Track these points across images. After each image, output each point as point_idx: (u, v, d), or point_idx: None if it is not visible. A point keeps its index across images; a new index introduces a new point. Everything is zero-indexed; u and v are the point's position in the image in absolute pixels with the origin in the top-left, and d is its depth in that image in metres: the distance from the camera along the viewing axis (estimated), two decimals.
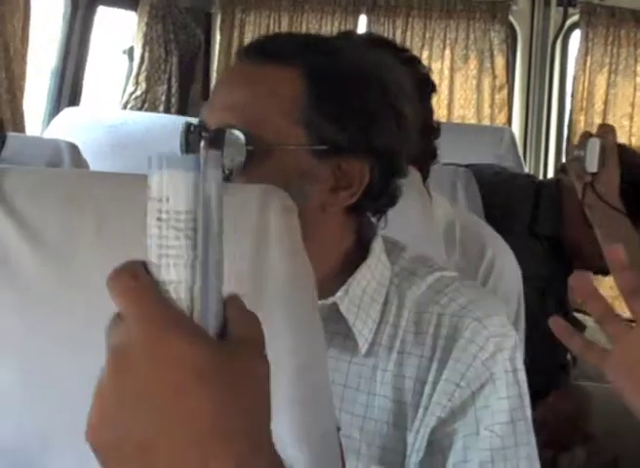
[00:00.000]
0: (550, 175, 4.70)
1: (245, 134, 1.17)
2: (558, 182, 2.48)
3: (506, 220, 2.34)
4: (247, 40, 4.59)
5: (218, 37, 4.58)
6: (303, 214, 0.92)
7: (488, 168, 2.61)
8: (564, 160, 3.73)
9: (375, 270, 1.24)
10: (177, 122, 3.11)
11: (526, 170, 4.07)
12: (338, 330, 1.21)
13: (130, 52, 4.01)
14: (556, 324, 1.16)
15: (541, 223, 2.44)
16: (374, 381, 1.22)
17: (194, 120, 2.12)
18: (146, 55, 3.85)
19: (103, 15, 3.67)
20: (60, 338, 0.92)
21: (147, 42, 3.86)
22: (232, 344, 0.58)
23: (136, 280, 0.58)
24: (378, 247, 1.26)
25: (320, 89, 1.17)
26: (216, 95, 1.24)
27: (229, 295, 0.60)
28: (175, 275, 0.59)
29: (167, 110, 3.81)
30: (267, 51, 1.20)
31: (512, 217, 2.42)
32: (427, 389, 1.19)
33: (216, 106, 1.21)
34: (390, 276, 1.25)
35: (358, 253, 1.25)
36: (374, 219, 1.29)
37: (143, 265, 0.60)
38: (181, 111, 3.88)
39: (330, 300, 1.20)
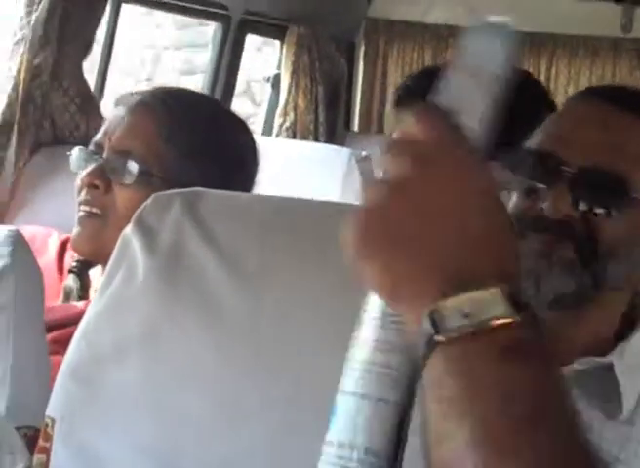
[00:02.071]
0: None
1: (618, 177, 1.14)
2: None
3: None
4: (390, 71, 4.60)
5: (361, 67, 4.59)
6: None
7: None
8: None
9: None
10: (326, 150, 3.15)
11: None
12: (598, 390, 1.16)
13: (275, 80, 4.04)
14: None
15: None
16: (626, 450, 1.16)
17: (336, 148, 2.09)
18: (293, 83, 3.88)
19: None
20: (251, 368, 0.91)
21: (294, 71, 3.89)
22: None
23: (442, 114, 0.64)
24: None
25: None
26: (573, 131, 1.21)
27: None
28: None
29: (316, 139, 3.83)
30: (624, 98, 1.19)
31: None
32: None
33: (577, 143, 1.18)
34: None
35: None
36: None
37: None
38: (330, 140, 3.90)
39: (606, 359, 1.16)
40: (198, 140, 1.56)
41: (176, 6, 3.09)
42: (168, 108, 1.55)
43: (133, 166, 1.52)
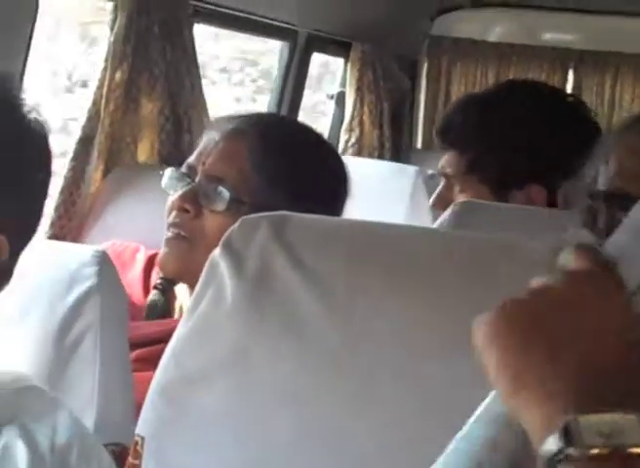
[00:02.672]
0: None
1: None
2: None
3: None
4: (453, 89, 4.59)
5: (423, 84, 4.59)
6: None
7: None
8: None
9: None
10: (393, 168, 3.16)
11: None
12: None
13: (339, 97, 4.06)
14: None
15: None
16: None
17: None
18: (358, 100, 3.90)
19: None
20: (340, 392, 0.91)
21: (359, 88, 3.90)
22: None
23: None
24: None
25: None
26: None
27: None
28: None
29: (380, 156, 3.84)
30: None
31: None
32: None
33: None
34: None
35: None
36: None
37: None
38: (395, 157, 3.90)
39: None
40: (289, 169, 1.57)
41: (245, 24, 3.13)
42: (262, 136, 1.56)
43: (225, 193, 1.53)
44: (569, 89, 4.54)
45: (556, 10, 4.48)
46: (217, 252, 0.98)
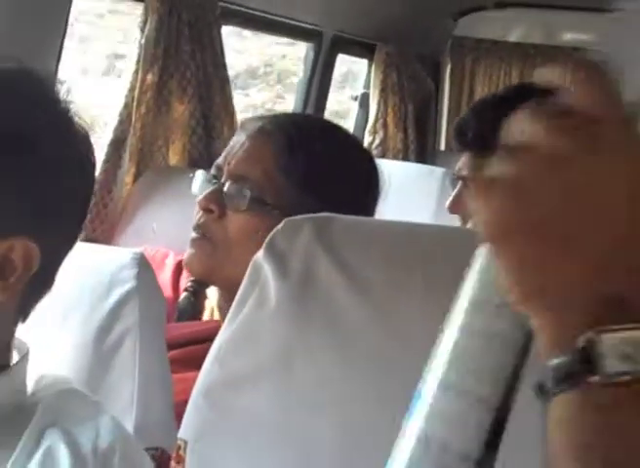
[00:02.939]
0: None
1: None
2: None
3: None
4: (477, 90, 4.58)
5: (447, 86, 4.59)
6: None
7: None
8: None
9: None
10: (420, 170, 3.15)
11: None
12: None
13: (362, 98, 4.06)
14: None
15: None
16: None
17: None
18: (382, 102, 3.89)
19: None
20: (383, 394, 0.91)
21: (383, 89, 3.90)
22: None
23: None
24: None
25: None
26: None
27: None
28: None
29: (405, 158, 3.83)
30: None
31: None
32: None
33: None
34: None
35: None
36: None
37: None
38: (419, 159, 3.90)
39: None
40: (315, 170, 1.56)
41: (271, 26, 3.13)
42: (288, 136, 1.55)
43: (247, 192, 1.53)
44: None
45: (579, 10, 4.46)
46: (260, 254, 0.98)
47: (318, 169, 1.55)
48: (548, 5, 4.49)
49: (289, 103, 3.89)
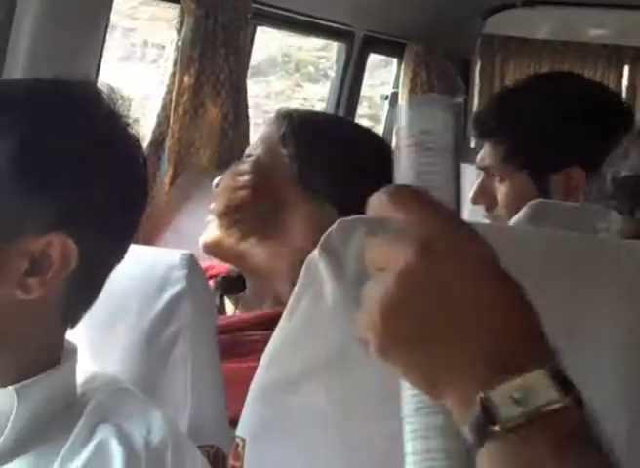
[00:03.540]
0: None
1: None
2: None
3: None
4: None
5: (477, 84, 4.58)
6: None
7: None
8: None
9: None
10: None
11: None
12: None
13: (392, 97, 4.06)
14: None
15: None
16: None
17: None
18: None
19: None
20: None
21: (412, 88, 3.90)
22: None
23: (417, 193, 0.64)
24: None
25: None
26: None
27: None
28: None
29: None
30: None
31: None
32: None
33: None
34: None
35: None
36: None
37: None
38: None
39: None
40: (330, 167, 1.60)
41: (303, 26, 3.15)
42: (297, 129, 1.61)
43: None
44: (624, 86, 4.51)
45: (607, 6, 4.45)
46: (315, 253, 0.98)
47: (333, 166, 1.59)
48: (576, 2, 4.48)
49: (307, 91, 3.90)
